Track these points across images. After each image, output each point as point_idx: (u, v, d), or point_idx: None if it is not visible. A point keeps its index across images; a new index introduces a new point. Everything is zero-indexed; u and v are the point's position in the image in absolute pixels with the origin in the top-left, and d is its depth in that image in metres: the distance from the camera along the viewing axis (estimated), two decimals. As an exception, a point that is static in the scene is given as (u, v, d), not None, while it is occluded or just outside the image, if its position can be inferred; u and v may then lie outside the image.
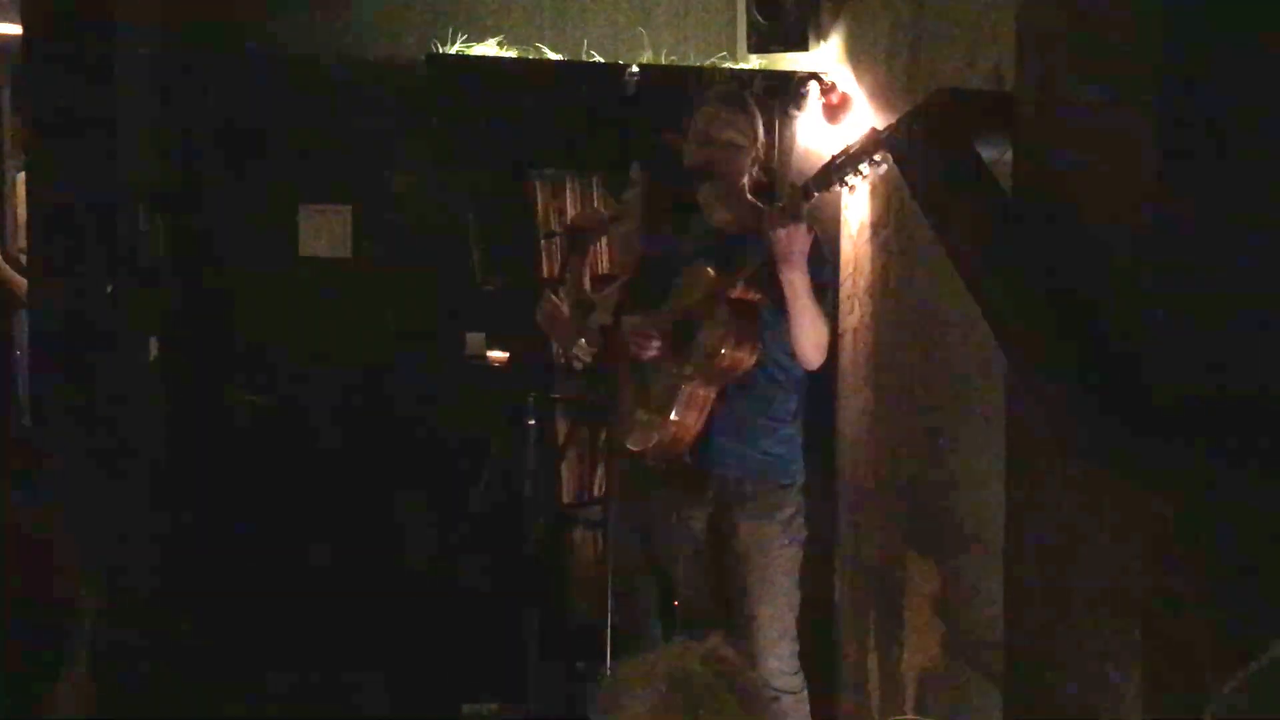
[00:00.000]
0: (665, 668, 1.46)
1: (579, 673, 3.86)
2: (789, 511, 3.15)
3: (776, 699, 3.08)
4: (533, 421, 3.77)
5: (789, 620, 3.15)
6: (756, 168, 3.25)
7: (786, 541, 3.14)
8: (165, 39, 4.43)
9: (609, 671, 2.80)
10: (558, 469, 4.35)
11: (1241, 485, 1.82)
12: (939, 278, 3.26)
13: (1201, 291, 1.89)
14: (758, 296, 3.02)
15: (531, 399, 3.79)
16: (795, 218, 2.88)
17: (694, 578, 3.24)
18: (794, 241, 2.89)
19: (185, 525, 4.41)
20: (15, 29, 4.09)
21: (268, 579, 4.41)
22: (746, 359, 3.03)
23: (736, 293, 3.00)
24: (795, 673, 3.15)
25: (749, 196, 3.23)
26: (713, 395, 3.08)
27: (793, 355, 3.08)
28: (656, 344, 3.12)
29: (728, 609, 3.19)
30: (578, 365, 4.27)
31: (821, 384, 3.26)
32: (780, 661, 3.11)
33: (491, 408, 4.02)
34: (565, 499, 4.51)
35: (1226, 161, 1.91)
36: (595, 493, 4.46)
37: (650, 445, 3.13)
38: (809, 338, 3.01)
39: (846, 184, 2.90)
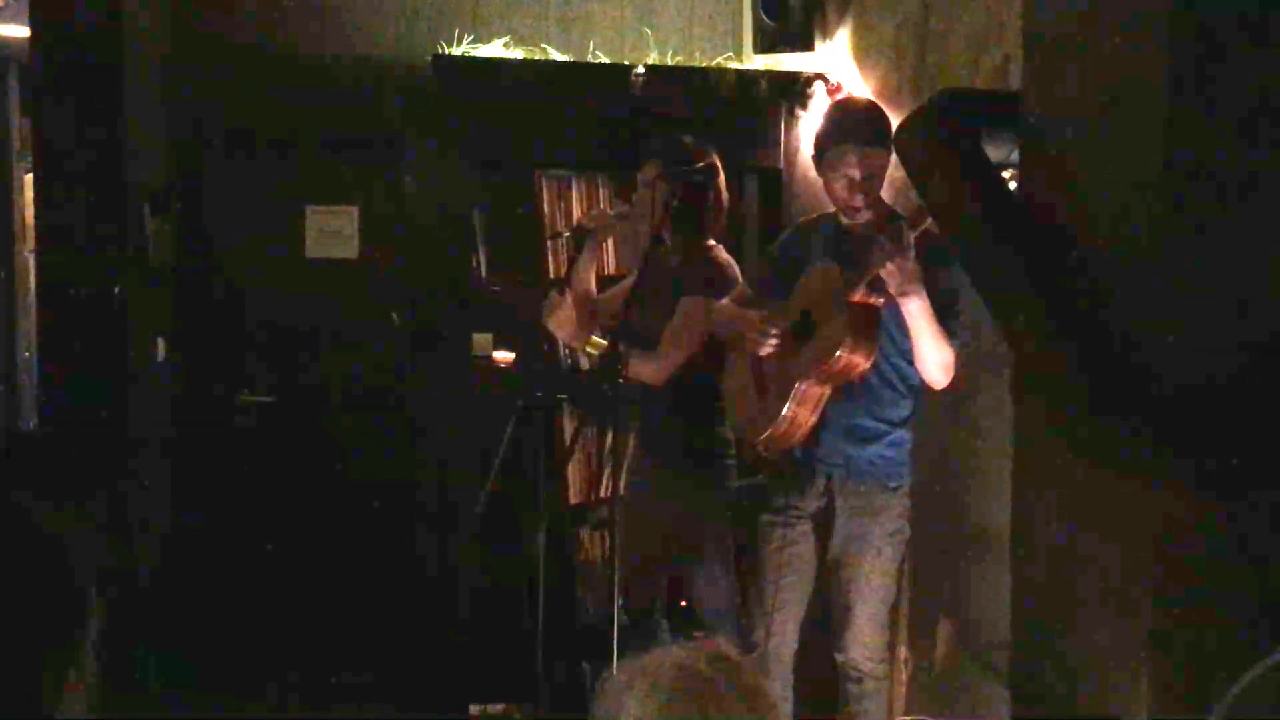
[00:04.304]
0: (671, 668, 1.46)
1: (586, 672, 3.86)
2: (892, 514, 3.17)
3: (860, 680, 3.19)
4: (538, 422, 3.77)
5: (882, 613, 3.19)
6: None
7: (886, 543, 3.16)
8: (173, 40, 4.44)
9: (615, 671, 2.81)
10: (564, 469, 4.35)
11: (1245, 485, 1.82)
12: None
13: (1206, 291, 1.89)
14: (879, 300, 2.99)
15: (538, 399, 3.79)
16: (900, 250, 2.85)
17: (786, 571, 3.23)
18: (903, 272, 2.86)
19: (194, 524, 4.42)
20: (24, 31, 4.09)
21: (276, 578, 4.42)
22: (862, 363, 3.01)
23: (858, 296, 2.97)
24: (881, 660, 3.21)
25: (881, 198, 3.20)
26: (826, 393, 3.08)
27: (910, 361, 3.08)
28: (775, 338, 3.12)
29: (820, 597, 3.25)
30: (584, 365, 4.28)
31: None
32: (866, 650, 3.18)
33: (498, 408, 4.02)
34: (572, 499, 4.51)
35: (1232, 161, 1.91)
36: (602, 493, 4.46)
37: (762, 437, 3.14)
38: (931, 359, 2.99)
39: None
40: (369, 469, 4.58)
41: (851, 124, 3.17)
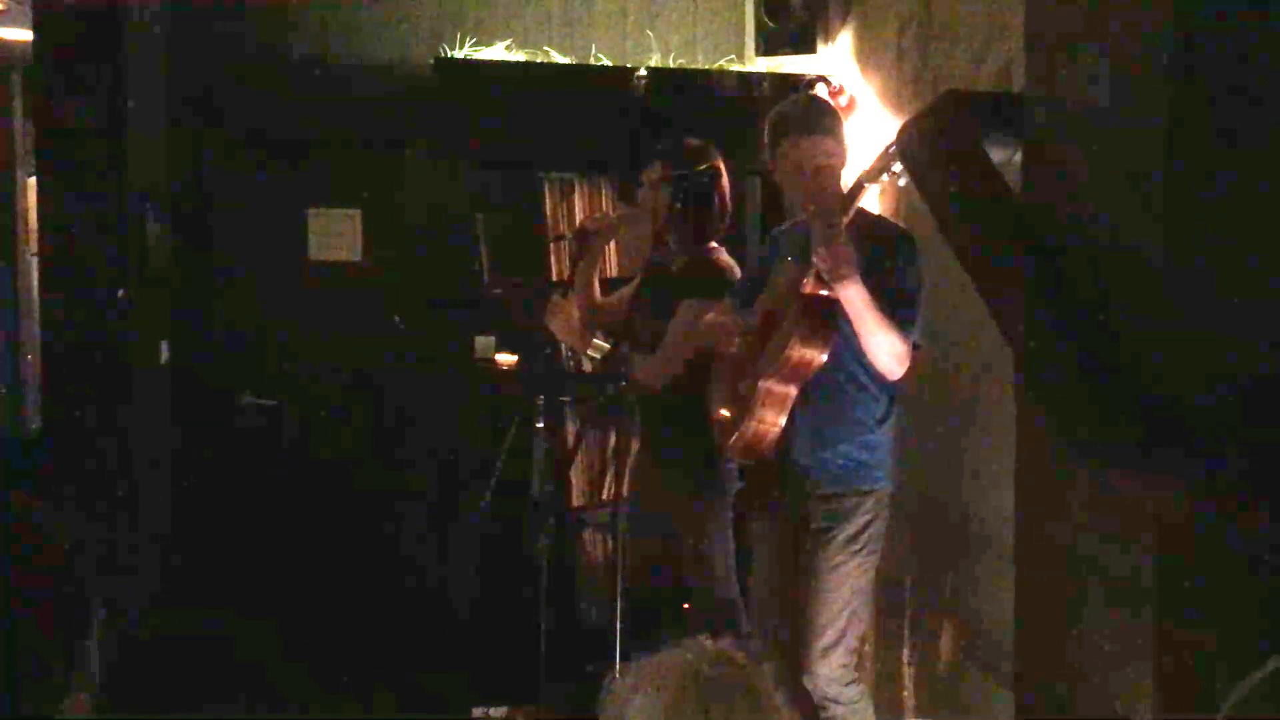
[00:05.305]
0: (675, 669, 1.46)
1: (589, 674, 3.86)
2: (863, 520, 3.04)
3: (825, 708, 3.00)
4: (541, 424, 3.77)
5: (848, 630, 3.03)
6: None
7: (855, 550, 3.03)
8: (175, 44, 4.45)
9: (619, 673, 2.81)
10: (567, 471, 4.35)
11: (1247, 488, 1.82)
12: (948, 280, 3.26)
13: (1208, 293, 1.89)
14: (831, 292, 2.89)
15: (540, 401, 3.79)
16: (828, 236, 2.79)
17: (765, 578, 3.19)
18: (835, 260, 2.79)
19: (195, 526, 4.43)
20: (27, 34, 4.10)
21: (277, 581, 4.42)
22: (817, 356, 2.93)
23: (809, 288, 2.91)
24: (849, 683, 3.04)
25: (838, 187, 3.11)
26: (792, 394, 2.98)
27: None
28: (736, 340, 3.07)
29: (792, 611, 3.11)
30: (587, 367, 4.28)
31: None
32: (831, 670, 3.00)
33: (500, 411, 4.03)
34: (575, 501, 4.51)
35: (1236, 162, 1.91)
36: (605, 495, 4.46)
37: (733, 441, 3.08)
38: (879, 348, 2.89)
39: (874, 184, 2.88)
40: (369, 471, 4.58)
41: (781, 118, 3.13)
